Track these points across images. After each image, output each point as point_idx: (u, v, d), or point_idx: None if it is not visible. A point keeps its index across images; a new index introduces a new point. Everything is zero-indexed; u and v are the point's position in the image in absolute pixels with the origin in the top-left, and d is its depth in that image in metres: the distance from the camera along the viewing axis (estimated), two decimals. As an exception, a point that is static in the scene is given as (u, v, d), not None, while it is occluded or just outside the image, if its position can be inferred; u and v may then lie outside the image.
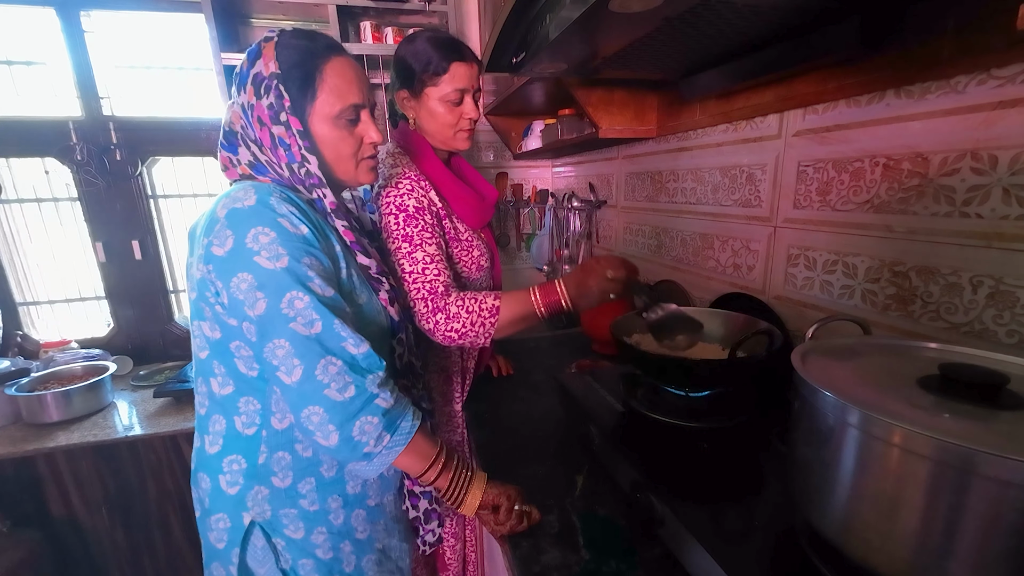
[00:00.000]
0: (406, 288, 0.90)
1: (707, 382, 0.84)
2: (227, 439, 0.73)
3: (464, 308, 0.89)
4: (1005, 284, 0.62)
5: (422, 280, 0.89)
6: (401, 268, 0.90)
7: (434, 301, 0.89)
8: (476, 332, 0.90)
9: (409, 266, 0.90)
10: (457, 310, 0.89)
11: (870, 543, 0.43)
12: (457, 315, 0.89)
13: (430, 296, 0.89)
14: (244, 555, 0.74)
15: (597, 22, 0.71)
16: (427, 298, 0.89)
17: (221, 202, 0.66)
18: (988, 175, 0.63)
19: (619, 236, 1.67)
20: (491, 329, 0.90)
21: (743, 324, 0.91)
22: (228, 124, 0.72)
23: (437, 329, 0.89)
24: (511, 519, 0.69)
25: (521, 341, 1.49)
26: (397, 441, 0.67)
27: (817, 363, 0.52)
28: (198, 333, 0.72)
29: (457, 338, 0.90)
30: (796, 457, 0.53)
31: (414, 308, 0.90)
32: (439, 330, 0.89)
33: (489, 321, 0.90)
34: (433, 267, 0.90)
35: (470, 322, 0.89)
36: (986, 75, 0.61)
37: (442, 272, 0.91)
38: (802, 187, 0.90)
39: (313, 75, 0.69)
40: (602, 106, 1.28)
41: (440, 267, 0.91)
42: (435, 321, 0.89)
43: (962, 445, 0.35)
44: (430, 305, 0.89)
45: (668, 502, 0.62)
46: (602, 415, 0.86)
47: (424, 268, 0.90)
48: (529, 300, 0.91)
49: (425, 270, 0.90)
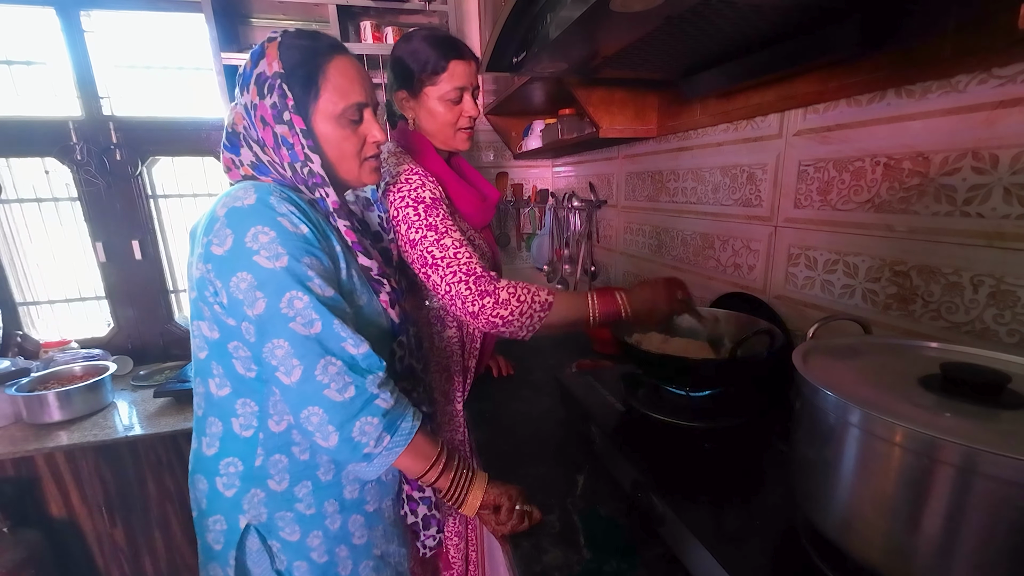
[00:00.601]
0: (438, 276, 0.88)
1: (708, 382, 0.84)
2: (224, 441, 0.73)
3: (516, 296, 0.87)
4: (1006, 283, 0.62)
5: (456, 264, 0.88)
6: (431, 255, 0.88)
7: (478, 284, 0.87)
8: (521, 323, 0.87)
9: (440, 252, 0.88)
10: (508, 297, 0.87)
11: (871, 542, 0.43)
12: (507, 302, 0.87)
13: (471, 278, 0.87)
14: (240, 557, 0.74)
15: (598, 22, 0.71)
16: (467, 280, 0.87)
17: (221, 201, 0.66)
18: (989, 174, 0.63)
19: (619, 236, 1.67)
20: (539, 324, 0.88)
21: (744, 324, 0.91)
22: (231, 125, 0.72)
23: (483, 312, 0.87)
24: (512, 519, 0.69)
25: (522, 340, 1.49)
26: (397, 442, 0.66)
27: (818, 362, 0.52)
28: (197, 333, 0.72)
29: (500, 325, 0.87)
30: (797, 456, 0.53)
31: (452, 292, 0.87)
32: (484, 314, 0.87)
33: (539, 315, 0.88)
34: (464, 251, 0.89)
35: (519, 311, 0.87)
36: (987, 74, 0.61)
37: (474, 256, 0.90)
38: (803, 187, 0.90)
39: (316, 74, 0.69)
40: (602, 106, 1.28)
41: (470, 251, 0.90)
42: (481, 304, 0.86)
43: (964, 444, 0.35)
44: (474, 288, 0.87)
45: (669, 502, 0.62)
46: (603, 415, 0.86)
47: (456, 253, 0.88)
48: (586, 305, 0.90)
49: (457, 254, 0.88)
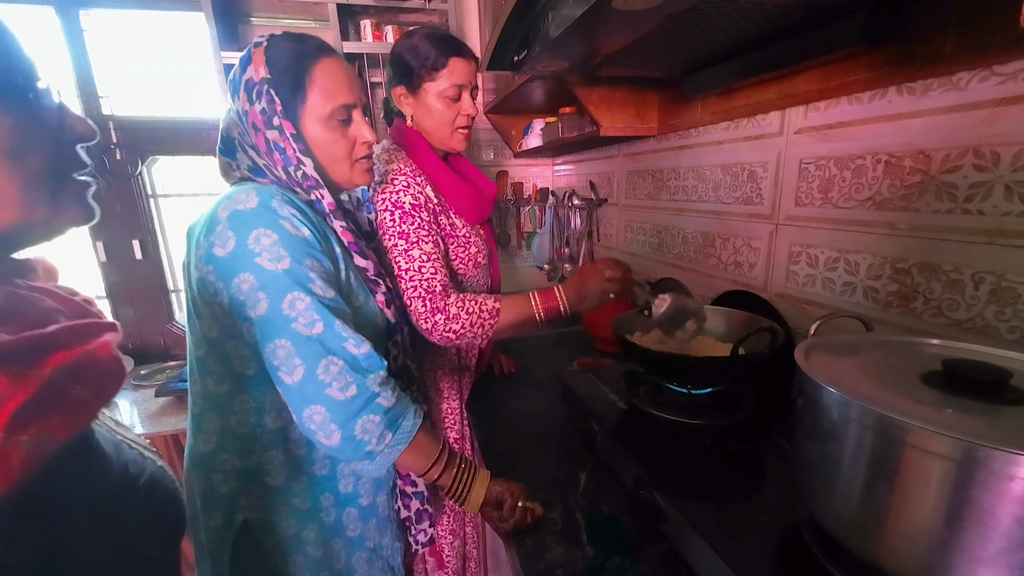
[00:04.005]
0: (402, 286, 0.89)
1: (709, 379, 0.84)
2: (220, 437, 0.73)
3: (464, 309, 0.89)
4: (1007, 280, 0.62)
5: (419, 278, 0.89)
6: (397, 265, 0.89)
7: (432, 301, 0.89)
8: (474, 333, 0.90)
9: (405, 263, 0.89)
10: (457, 311, 0.89)
11: (874, 538, 0.43)
12: (457, 316, 0.89)
13: (428, 295, 0.89)
14: (235, 553, 0.74)
15: (599, 20, 0.71)
16: (424, 297, 0.88)
17: (222, 203, 0.66)
18: (990, 172, 0.63)
19: (620, 234, 1.67)
20: (489, 331, 0.91)
21: (745, 321, 0.92)
22: (226, 130, 0.73)
23: (435, 329, 0.89)
24: (515, 515, 0.69)
25: (523, 339, 1.50)
26: (399, 439, 0.67)
27: (820, 359, 0.52)
28: (194, 332, 0.72)
29: (455, 338, 0.90)
30: (800, 453, 0.53)
31: (410, 307, 0.89)
32: (437, 330, 0.89)
33: (488, 323, 0.90)
34: (430, 265, 0.90)
35: (469, 323, 0.89)
36: (988, 72, 0.62)
37: (439, 271, 0.91)
38: (804, 184, 0.90)
39: (303, 77, 0.69)
40: (603, 104, 1.28)
41: (437, 265, 0.91)
42: (434, 321, 0.89)
43: (966, 440, 0.35)
44: (428, 305, 0.88)
45: (671, 498, 0.63)
46: (604, 412, 0.86)
47: (420, 266, 0.89)
48: (529, 305, 0.92)
49: (422, 268, 0.89)
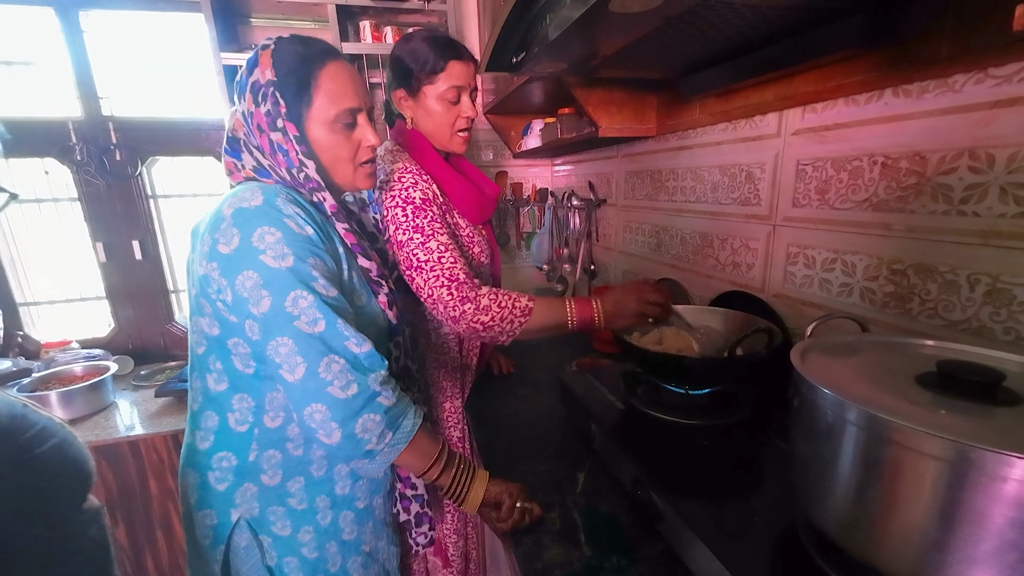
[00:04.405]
0: (423, 279, 0.88)
1: (707, 380, 0.85)
2: (219, 435, 0.73)
3: (497, 303, 0.88)
4: (1002, 282, 0.63)
5: (440, 269, 0.88)
6: (416, 258, 0.89)
7: (459, 290, 0.88)
8: (502, 329, 0.88)
9: (424, 255, 0.88)
10: (488, 303, 0.88)
11: (869, 539, 0.44)
12: (487, 308, 0.87)
13: (452, 283, 0.87)
14: (229, 552, 0.74)
15: (597, 22, 0.72)
16: (449, 286, 0.87)
17: (227, 201, 0.66)
18: (985, 174, 0.63)
19: (619, 235, 1.68)
20: (518, 329, 0.89)
21: (742, 322, 0.92)
22: (231, 131, 0.73)
23: (463, 318, 0.87)
24: (513, 516, 0.70)
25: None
26: (399, 439, 0.67)
27: (816, 361, 0.52)
28: (196, 329, 0.72)
29: (481, 330, 0.88)
30: (796, 454, 0.53)
31: (433, 297, 0.88)
32: (464, 319, 0.87)
33: (519, 320, 0.89)
34: (449, 255, 0.89)
35: (500, 317, 0.88)
36: (983, 74, 0.62)
37: (459, 260, 0.90)
38: (801, 186, 0.91)
39: (308, 80, 0.69)
40: (602, 105, 1.28)
41: (456, 255, 0.90)
42: (462, 311, 0.87)
43: (959, 441, 0.36)
44: (455, 294, 0.87)
45: (669, 499, 0.63)
46: (603, 413, 0.87)
47: (440, 257, 0.89)
48: (564, 311, 0.90)
49: (441, 259, 0.89)
